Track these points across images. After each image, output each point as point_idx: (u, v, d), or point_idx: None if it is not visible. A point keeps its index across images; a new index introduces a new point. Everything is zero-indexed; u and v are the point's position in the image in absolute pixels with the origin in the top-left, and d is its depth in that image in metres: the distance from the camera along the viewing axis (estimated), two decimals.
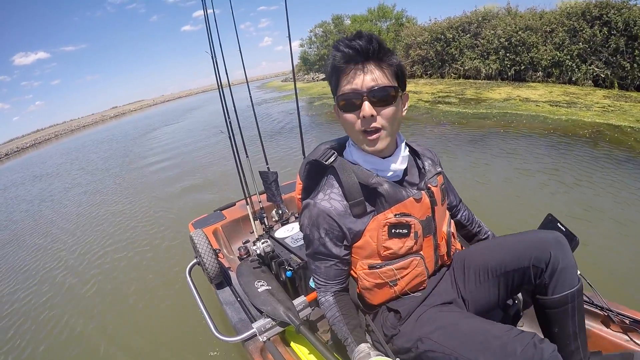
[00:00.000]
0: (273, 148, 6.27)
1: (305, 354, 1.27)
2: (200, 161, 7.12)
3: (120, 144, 13.91)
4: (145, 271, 3.10)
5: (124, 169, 8.34)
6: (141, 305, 2.63)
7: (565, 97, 7.71)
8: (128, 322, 2.48)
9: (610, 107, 6.45)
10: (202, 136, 10.47)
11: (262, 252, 1.76)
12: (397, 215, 0.92)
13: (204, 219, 2.49)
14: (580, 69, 9.04)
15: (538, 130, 5.43)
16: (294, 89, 2.22)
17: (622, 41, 8.31)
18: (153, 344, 2.21)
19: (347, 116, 0.88)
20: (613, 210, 2.82)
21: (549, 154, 4.36)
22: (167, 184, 5.99)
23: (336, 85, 0.89)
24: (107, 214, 5.03)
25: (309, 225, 0.96)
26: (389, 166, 0.94)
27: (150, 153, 9.81)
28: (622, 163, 3.82)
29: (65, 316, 2.72)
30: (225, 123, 2.01)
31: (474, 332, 0.87)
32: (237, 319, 1.54)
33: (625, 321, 1.14)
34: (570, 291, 0.92)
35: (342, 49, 0.84)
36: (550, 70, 9.76)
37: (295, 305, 1.40)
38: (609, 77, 8.58)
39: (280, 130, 8.10)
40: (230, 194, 4.34)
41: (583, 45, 8.97)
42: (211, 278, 1.78)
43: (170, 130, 14.78)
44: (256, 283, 1.59)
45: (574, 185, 3.35)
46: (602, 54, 8.72)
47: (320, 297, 1.05)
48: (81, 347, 2.35)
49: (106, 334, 2.41)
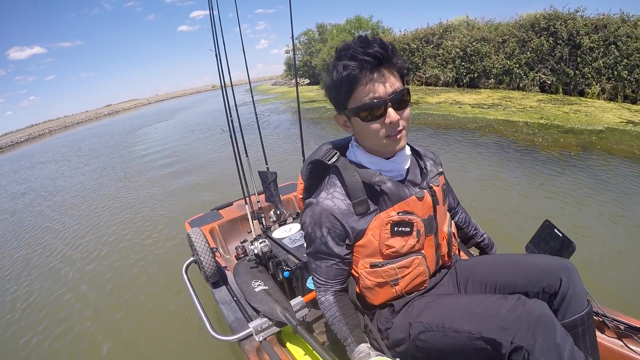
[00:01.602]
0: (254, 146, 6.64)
1: (301, 354, 1.27)
2: (190, 155, 7.73)
3: (115, 137, 14.96)
4: (140, 269, 3.08)
5: (117, 161, 8.92)
6: (136, 302, 2.61)
7: (500, 100, 8.72)
8: (122, 319, 2.46)
9: (530, 108, 7.47)
10: (187, 134, 11.42)
11: (260, 252, 1.75)
12: (400, 213, 0.93)
13: (201, 217, 2.48)
14: (528, 76, 9.89)
15: (435, 124, 6.90)
16: (296, 91, 2.23)
17: (567, 50, 9.05)
18: (148, 341, 2.20)
19: (371, 126, 0.87)
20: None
21: (429, 139, 5.82)
22: (159, 178, 6.22)
23: (348, 96, 0.87)
24: (104, 207, 5.02)
25: (311, 223, 0.96)
26: (392, 166, 0.95)
27: (141, 147, 10.71)
28: (489, 145, 5.18)
29: (59, 311, 2.70)
30: (227, 122, 2.01)
31: (459, 304, 0.92)
32: (233, 318, 1.54)
33: (620, 327, 1.14)
34: (579, 315, 0.93)
35: (360, 57, 0.81)
36: (502, 78, 10.62)
37: (292, 306, 1.40)
38: (554, 83, 9.38)
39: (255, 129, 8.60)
40: (226, 192, 4.34)
41: (531, 55, 9.82)
42: (208, 277, 1.77)
43: (162, 125, 16.03)
44: (253, 283, 1.58)
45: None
46: (548, 62, 9.52)
47: (320, 296, 1.05)
48: (75, 342, 2.33)
49: (100, 330, 2.39)
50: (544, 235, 1.23)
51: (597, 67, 8.43)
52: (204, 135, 10.44)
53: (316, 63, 19.53)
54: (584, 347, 0.94)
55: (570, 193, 3.30)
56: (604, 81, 8.39)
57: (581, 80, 8.80)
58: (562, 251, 1.14)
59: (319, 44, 19.84)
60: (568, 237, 1.14)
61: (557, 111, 7.05)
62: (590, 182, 3.52)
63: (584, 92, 8.82)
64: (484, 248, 1.35)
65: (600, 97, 8.50)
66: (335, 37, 19.33)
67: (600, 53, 8.45)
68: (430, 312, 0.94)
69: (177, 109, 27.71)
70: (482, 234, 1.34)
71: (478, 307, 0.87)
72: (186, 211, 3.93)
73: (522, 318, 0.81)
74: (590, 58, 8.61)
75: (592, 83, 8.58)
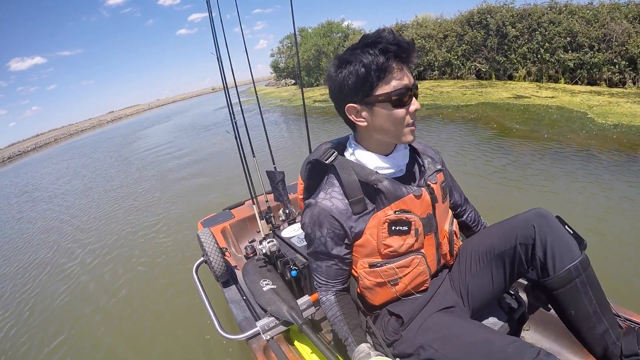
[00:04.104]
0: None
1: (308, 353, 1.28)
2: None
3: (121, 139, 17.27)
4: (151, 268, 3.16)
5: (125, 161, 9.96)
6: (147, 301, 2.68)
7: (429, 89, 10.41)
8: (133, 317, 2.53)
9: (449, 93, 9.18)
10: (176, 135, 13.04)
11: (268, 252, 1.76)
12: (397, 212, 0.92)
13: (213, 217, 2.51)
14: (465, 66, 11.41)
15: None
16: (301, 91, 2.23)
17: (496, 40, 10.45)
18: (158, 339, 2.26)
19: (398, 112, 0.87)
20: None
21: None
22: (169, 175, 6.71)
23: (377, 82, 0.86)
24: (116, 206, 5.23)
25: (310, 224, 0.96)
26: (391, 162, 0.95)
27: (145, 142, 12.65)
28: None
29: (70, 310, 2.81)
30: (231, 123, 2.02)
31: (478, 343, 0.84)
32: (242, 317, 1.56)
33: (633, 327, 1.10)
34: (572, 264, 0.89)
35: (393, 48, 0.83)
36: (444, 69, 12.08)
37: (299, 305, 1.41)
38: (487, 70, 10.93)
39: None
40: (237, 192, 4.39)
41: (466, 47, 11.27)
42: (217, 276, 1.80)
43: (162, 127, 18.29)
44: (261, 282, 1.60)
45: None
46: (482, 52, 10.98)
47: (321, 296, 1.05)
48: (86, 341, 2.41)
49: (111, 328, 2.47)
50: None
51: (523, 52, 9.74)
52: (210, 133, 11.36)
53: (295, 62, 20.58)
54: (589, 304, 0.91)
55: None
56: (529, 65, 9.69)
57: (509, 65, 10.25)
58: None
59: (301, 47, 20.59)
60: (579, 234, 1.06)
61: (461, 94, 8.81)
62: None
63: (512, 76, 10.22)
64: None
65: (527, 79, 9.83)
66: (308, 41, 19.93)
67: (525, 40, 9.74)
68: (446, 342, 0.90)
69: (176, 111, 29.46)
70: None
71: (500, 354, 0.80)
72: (198, 211, 4.02)
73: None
74: (516, 45, 9.96)
75: (519, 67, 9.93)
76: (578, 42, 8.64)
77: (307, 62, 19.26)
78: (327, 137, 7.20)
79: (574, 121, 5.29)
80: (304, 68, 19.53)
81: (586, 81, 8.58)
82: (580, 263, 0.89)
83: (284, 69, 23.31)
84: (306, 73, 19.65)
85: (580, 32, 8.59)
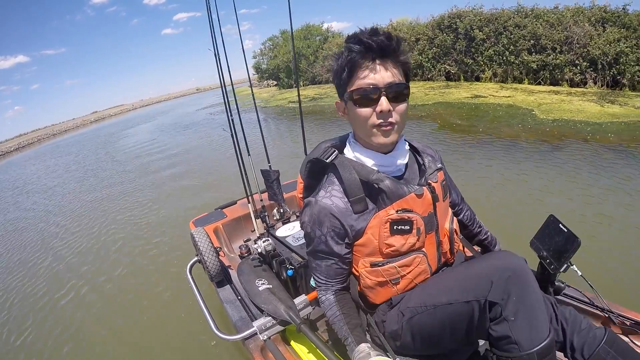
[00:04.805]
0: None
1: (305, 352, 1.27)
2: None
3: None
4: (144, 268, 3.10)
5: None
6: (141, 302, 2.64)
7: None
8: (127, 319, 2.48)
9: (413, 93, 8.92)
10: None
11: (264, 251, 1.75)
12: (398, 211, 0.92)
13: (205, 217, 2.48)
14: (435, 68, 11.94)
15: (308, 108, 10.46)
16: (297, 92, 2.24)
17: (465, 43, 10.95)
18: (153, 340, 2.22)
19: (361, 110, 0.87)
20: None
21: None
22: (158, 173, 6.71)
23: (348, 79, 0.88)
24: (105, 208, 5.04)
25: (310, 222, 0.96)
26: (390, 161, 0.94)
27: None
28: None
29: (64, 312, 2.73)
30: (228, 121, 2.00)
31: (439, 279, 0.94)
32: (237, 317, 1.54)
33: (626, 322, 1.13)
34: (597, 347, 0.91)
35: (365, 41, 0.83)
36: (416, 71, 12.45)
37: (296, 304, 1.40)
38: (456, 72, 11.45)
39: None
40: (230, 190, 4.35)
41: (437, 50, 11.75)
42: (212, 276, 1.78)
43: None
44: (257, 281, 1.59)
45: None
46: (451, 55, 11.45)
47: (320, 295, 1.05)
48: (80, 343, 2.35)
49: (105, 329, 2.42)
50: (548, 230, 1.20)
51: (489, 55, 10.31)
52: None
53: (276, 64, 21.12)
54: None
55: None
56: (495, 66, 10.27)
57: (476, 67, 10.81)
58: (566, 247, 1.11)
59: (282, 49, 21.25)
60: (573, 232, 1.11)
61: (424, 94, 9.40)
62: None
63: (479, 77, 10.79)
64: (486, 246, 1.33)
65: (493, 80, 10.42)
66: (289, 44, 20.40)
67: (492, 43, 10.27)
68: (415, 295, 0.95)
69: (160, 112, 29.77)
70: (486, 231, 1.33)
71: (454, 275, 0.88)
72: (190, 210, 3.98)
73: (495, 274, 0.80)
74: (483, 48, 10.48)
75: (485, 69, 10.54)
76: (541, 44, 9.12)
77: (286, 63, 19.94)
78: (292, 134, 7.77)
79: (516, 117, 5.77)
80: (284, 70, 20.11)
81: (549, 82, 9.12)
82: (607, 341, 0.90)
83: (265, 70, 23.64)
84: (285, 74, 20.18)
85: (544, 35, 9.07)
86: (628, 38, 7.82)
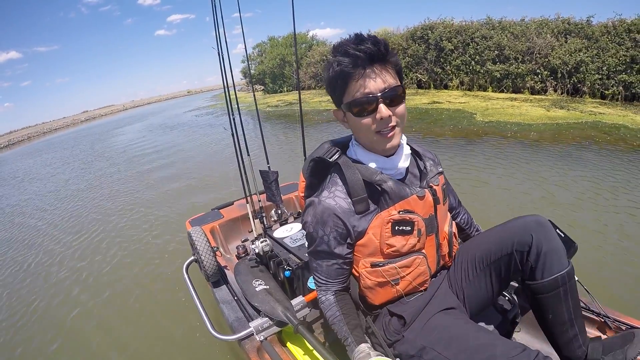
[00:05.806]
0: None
1: (301, 354, 1.27)
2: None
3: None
4: (140, 268, 3.05)
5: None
6: (136, 301, 2.60)
7: None
8: (123, 318, 2.44)
9: None
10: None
11: (261, 252, 1.75)
12: (400, 212, 0.93)
13: (202, 217, 2.47)
14: (408, 77, 12.47)
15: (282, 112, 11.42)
16: (298, 93, 2.25)
17: (435, 53, 11.59)
18: (148, 340, 2.18)
19: (363, 121, 0.88)
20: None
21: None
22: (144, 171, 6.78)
23: (342, 91, 0.89)
24: (100, 207, 4.94)
25: (313, 222, 0.96)
26: (392, 164, 0.95)
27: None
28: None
29: (58, 311, 2.67)
30: (229, 122, 2.00)
31: (481, 346, 0.85)
32: (233, 317, 1.54)
33: (621, 327, 1.15)
34: (559, 274, 0.92)
35: (352, 53, 0.83)
36: None
37: (293, 305, 1.40)
38: (427, 80, 12.19)
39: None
40: (225, 191, 4.32)
41: (409, 59, 12.35)
42: (208, 276, 1.77)
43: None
44: (254, 282, 1.58)
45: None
46: (423, 64, 12.13)
47: (320, 295, 1.04)
48: (75, 343, 2.30)
49: (100, 329, 2.37)
50: None
51: (457, 64, 10.98)
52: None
53: (262, 70, 21.63)
54: (566, 311, 0.95)
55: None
56: (462, 75, 10.94)
57: (445, 76, 11.53)
58: None
59: (270, 55, 21.65)
60: (570, 237, 1.14)
61: None
62: None
63: (448, 85, 11.49)
64: None
65: (460, 88, 11.09)
66: (274, 50, 20.97)
67: (459, 53, 10.89)
68: (449, 345, 0.91)
69: (152, 112, 30.02)
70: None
71: (501, 358, 0.82)
72: (187, 210, 3.95)
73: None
74: (451, 58, 11.11)
75: (453, 78, 11.21)
76: (505, 54, 9.78)
77: (272, 69, 20.50)
78: (255, 134, 7.58)
79: (455, 119, 6.10)
80: (269, 75, 20.67)
81: (511, 89, 9.74)
82: (567, 273, 0.93)
83: (253, 75, 23.91)
84: (271, 80, 20.66)
85: (508, 46, 9.74)
86: (589, 48, 8.29)
